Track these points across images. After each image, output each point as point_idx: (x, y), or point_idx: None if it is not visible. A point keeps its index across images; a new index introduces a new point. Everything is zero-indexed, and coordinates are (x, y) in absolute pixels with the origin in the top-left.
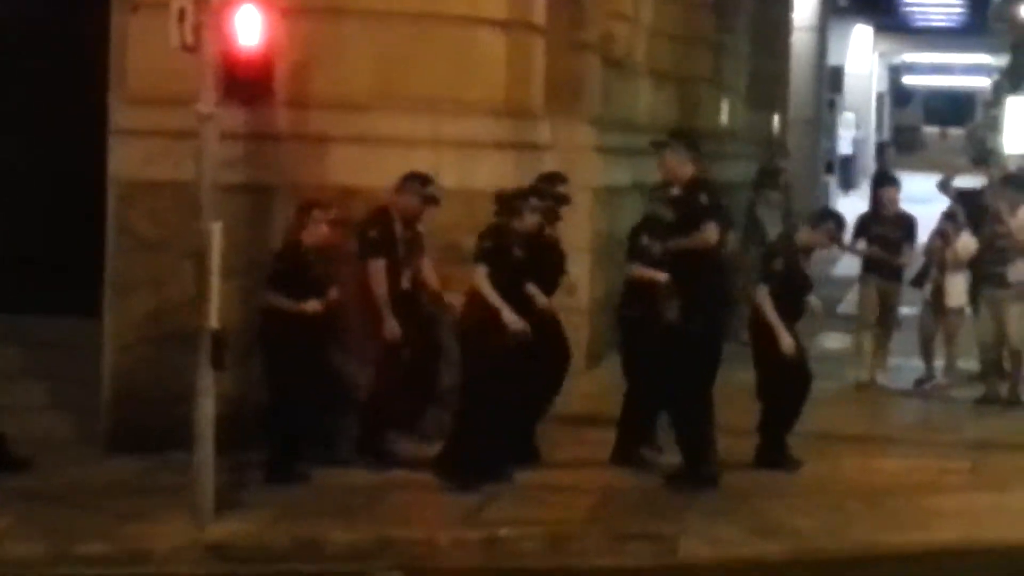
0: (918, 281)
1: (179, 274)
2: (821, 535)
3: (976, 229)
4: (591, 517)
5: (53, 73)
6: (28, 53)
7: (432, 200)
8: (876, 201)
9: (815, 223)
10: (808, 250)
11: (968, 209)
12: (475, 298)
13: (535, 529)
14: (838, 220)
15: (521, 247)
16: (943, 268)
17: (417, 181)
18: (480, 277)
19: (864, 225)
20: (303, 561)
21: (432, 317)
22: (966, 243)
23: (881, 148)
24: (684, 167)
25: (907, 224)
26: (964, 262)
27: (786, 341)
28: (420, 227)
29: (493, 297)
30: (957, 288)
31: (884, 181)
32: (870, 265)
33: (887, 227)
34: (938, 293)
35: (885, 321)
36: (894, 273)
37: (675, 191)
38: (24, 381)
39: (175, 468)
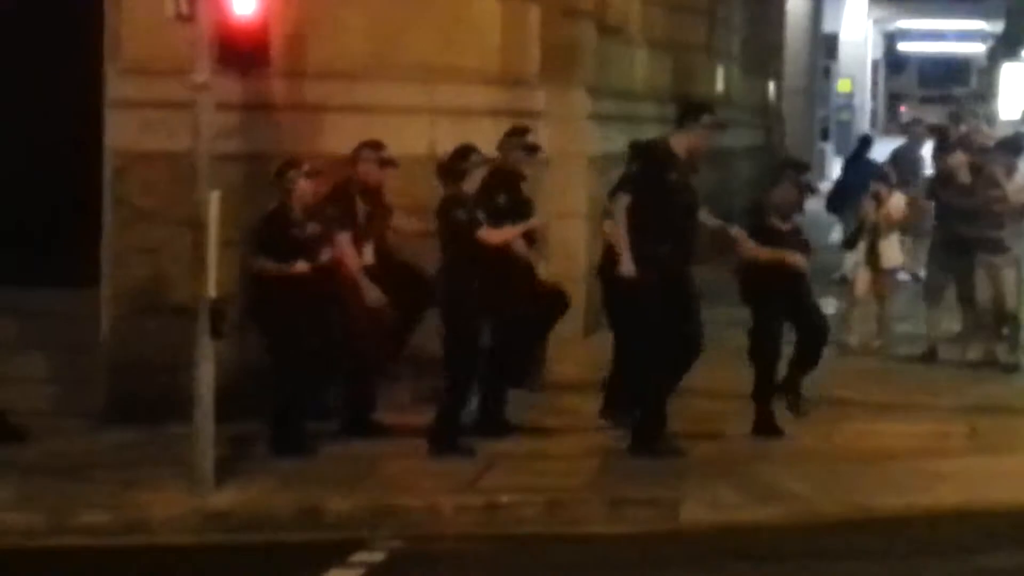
0: (850, 243)
1: (175, 244)
2: (820, 499)
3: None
4: (591, 483)
5: (47, 44)
6: (21, 25)
7: (389, 163)
8: None
9: (777, 180)
10: (782, 209)
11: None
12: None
13: (536, 496)
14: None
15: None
16: (877, 229)
17: (370, 148)
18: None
19: None
20: (304, 529)
21: (409, 278)
22: (898, 203)
23: None
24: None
25: None
26: (897, 223)
27: (795, 257)
28: (387, 198)
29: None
30: (891, 249)
31: None
32: None
33: None
34: (872, 254)
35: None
36: None
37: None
38: (21, 352)
39: (172, 438)
